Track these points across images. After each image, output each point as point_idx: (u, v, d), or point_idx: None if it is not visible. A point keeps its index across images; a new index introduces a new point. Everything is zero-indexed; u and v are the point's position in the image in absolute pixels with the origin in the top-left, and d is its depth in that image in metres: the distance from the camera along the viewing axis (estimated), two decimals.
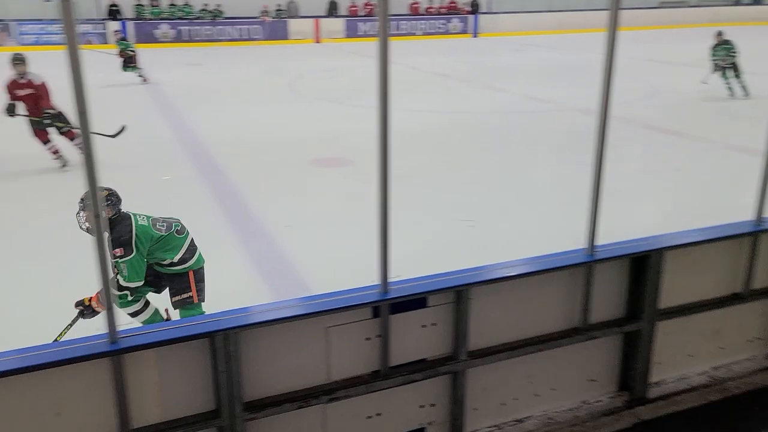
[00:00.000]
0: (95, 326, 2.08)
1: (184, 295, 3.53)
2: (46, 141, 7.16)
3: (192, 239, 3.58)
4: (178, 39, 21.23)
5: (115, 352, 2.01)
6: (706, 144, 8.36)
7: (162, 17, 21.86)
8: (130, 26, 20.72)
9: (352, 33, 23.27)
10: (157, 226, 3.43)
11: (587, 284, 2.75)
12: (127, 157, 7.18)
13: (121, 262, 3.27)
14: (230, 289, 4.15)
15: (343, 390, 2.37)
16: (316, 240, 5.18)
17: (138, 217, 3.41)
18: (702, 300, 3.08)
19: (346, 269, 4.39)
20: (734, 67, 10.86)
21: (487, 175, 7.02)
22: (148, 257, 3.38)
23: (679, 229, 3.06)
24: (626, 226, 4.45)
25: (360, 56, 18.90)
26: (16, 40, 19.69)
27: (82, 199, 3.26)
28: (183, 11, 22.18)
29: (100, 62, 14.40)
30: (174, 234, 3.47)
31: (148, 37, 20.82)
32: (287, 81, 13.70)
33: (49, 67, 7.52)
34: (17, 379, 1.93)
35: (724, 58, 10.83)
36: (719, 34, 10.97)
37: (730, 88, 10.79)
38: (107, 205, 3.29)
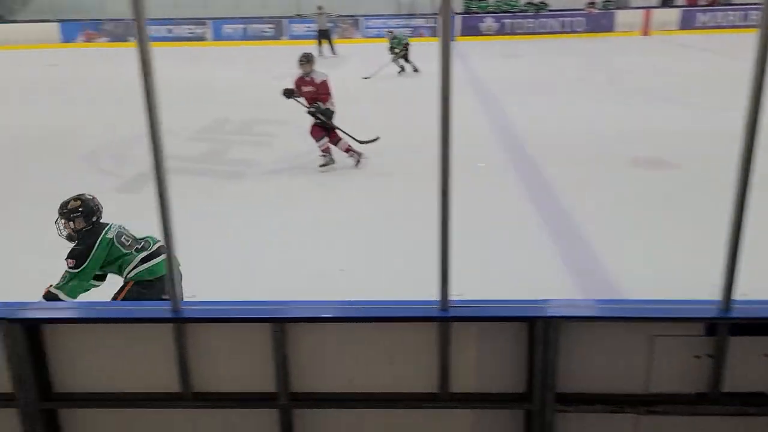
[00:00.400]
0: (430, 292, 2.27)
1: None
2: (320, 137, 7.16)
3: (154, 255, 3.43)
4: (501, 32, 21.84)
5: (443, 319, 2.19)
6: None
7: (488, 11, 22.70)
8: (458, 20, 21.95)
9: (687, 24, 21.20)
10: (122, 240, 3.39)
11: None
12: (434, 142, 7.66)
13: (68, 273, 3.31)
14: (537, 279, 4.18)
15: (664, 405, 2.22)
16: (630, 242, 4.91)
17: (109, 230, 3.39)
18: None
19: (669, 277, 4.07)
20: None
21: None
22: (102, 269, 3.38)
23: None
24: None
25: (693, 50, 17.15)
26: (362, 33, 22.38)
27: (61, 206, 3.39)
28: (509, 5, 22.73)
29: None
30: (133, 252, 3.41)
31: (472, 30, 21.82)
32: (608, 76, 13.12)
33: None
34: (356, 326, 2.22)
35: None
36: None
37: None
38: (76, 216, 3.34)
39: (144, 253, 3.41)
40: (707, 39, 19.13)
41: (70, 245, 3.37)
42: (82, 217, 3.34)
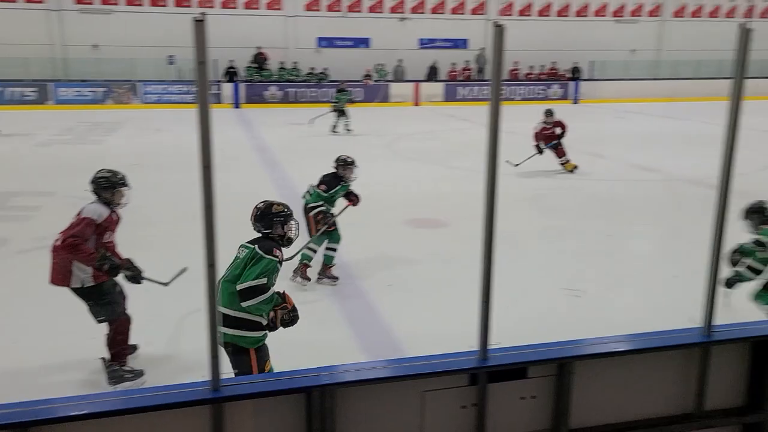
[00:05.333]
0: (201, 374, 2.13)
1: None
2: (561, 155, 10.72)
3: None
4: (285, 100, 22.39)
5: (216, 400, 2.06)
6: None
7: (272, 79, 23.19)
8: (242, 87, 22.10)
9: (450, 97, 23.68)
10: None
11: (702, 366, 2.56)
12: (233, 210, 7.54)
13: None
14: (324, 345, 4.18)
15: None
16: (411, 301, 5.16)
17: None
18: None
19: (442, 333, 4.31)
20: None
21: (592, 243, 6.79)
22: None
23: None
24: (747, 306, 4.15)
25: (457, 119, 19.14)
26: (140, 98, 21.44)
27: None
28: (292, 74, 23.47)
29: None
30: None
31: (258, 98, 22.10)
32: (386, 141, 14.04)
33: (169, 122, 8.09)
34: (118, 420, 2.00)
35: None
36: None
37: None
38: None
39: None
40: (467, 110, 21.52)
41: None
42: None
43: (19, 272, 5.86)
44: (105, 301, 3.93)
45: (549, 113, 10.94)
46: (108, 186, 4.05)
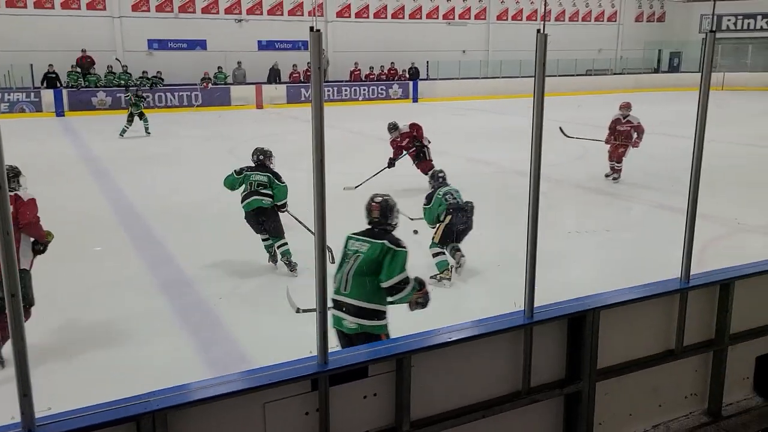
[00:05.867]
0: (11, 414, 1.92)
1: None
2: None
3: None
4: (115, 106, 20.95)
5: None
6: (633, 203, 8.74)
7: (99, 85, 21.61)
8: (65, 94, 20.38)
9: (294, 99, 23.58)
10: None
11: (527, 346, 2.76)
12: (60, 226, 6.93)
13: None
14: (163, 366, 3.97)
15: None
16: (251, 312, 5.06)
17: None
18: (638, 358, 3.13)
19: (284, 340, 4.27)
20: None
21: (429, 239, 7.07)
22: None
23: (613, 288, 3.13)
24: (563, 287, 4.54)
25: (301, 121, 19.11)
26: None
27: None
28: (122, 79, 22.01)
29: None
30: None
31: (84, 105, 20.50)
32: (229, 146, 13.66)
33: None
34: None
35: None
36: None
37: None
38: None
39: None
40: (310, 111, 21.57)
41: None
42: None
43: None
44: (29, 286, 4.01)
45: (392, 127, 9.91)
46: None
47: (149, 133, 15.60)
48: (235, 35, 24.26)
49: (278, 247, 5.86)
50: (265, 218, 5.82)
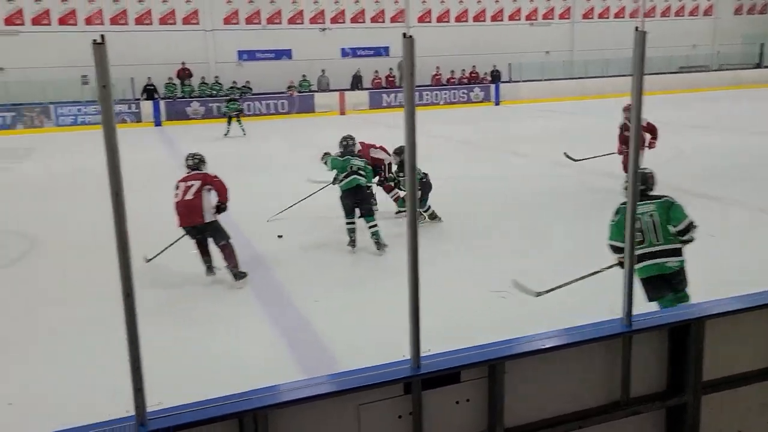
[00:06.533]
0: (124, 409, 2.04)
1: None
2: None
3: None
4: (208, 115, 21.95)
5: None
6: (737, 207, 8.25)
7: (193, 95, 22.70)
8: (163, 105, 21.52)
9: (375, 104, 23.85)
10: None
11: (626, 355, 2.66)
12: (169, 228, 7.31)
13: None
14: (258, 366, 4.10)
15: None
16: (343, 313, 5.14)
17: None
18: (747, 371, 2.94)
19: (375, 343, 4.31)
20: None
21: (516, 242, 6.96)
22: None
23: (719, 297, 2.97)
24: None
25: (383, 126, 19.29)
26: (54, 121, 20.54)
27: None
28: (213, 89, 23.03)
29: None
30: None
31: (179, 115, 21.58)
32: (315, 152, 13.98)
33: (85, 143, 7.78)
34: None
35: None
36: None
37: None
38: None
39: None
40: (393, 116, 21.75)
41: None
42: None
43: None
44: (222, 227, 5.81)
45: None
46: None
47: (245, 133, 17.65)
48: (319, 44, 24.85)
49: (369, 227, 6.58)
50: (361, 197, 6.62)
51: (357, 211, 6.65)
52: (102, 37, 1.94)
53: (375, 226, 6.55)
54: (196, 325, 4.96)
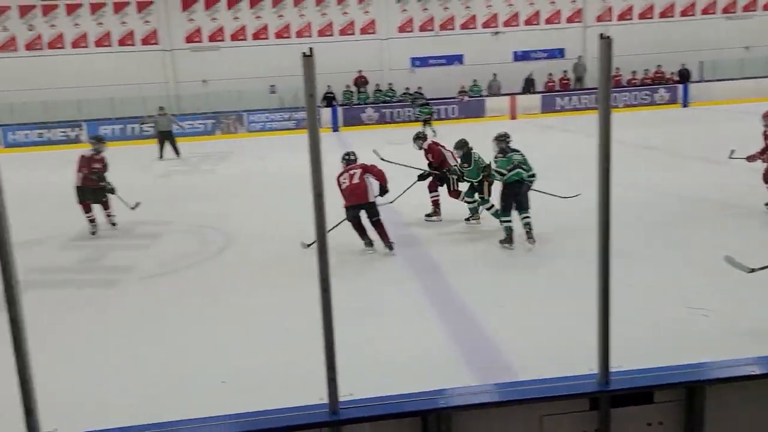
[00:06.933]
0: (318, 395, 2.19)
1: None
2: None
3: None
4: (381, 121, 22.78)
5: (334, 423, 2.10)
6: None
7: (368, 102, 23.71)
8: (340, 111, 22.72)
9: (548, 108, 23.17)
10: None
11: None
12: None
13: None
14: (430, 365, 4.16)
15: None
16: (521, 320, 5.05)
17: None
18: None
19: (556, 354, 4.18)
20: None
21: (712, 256, 6.36)
22: None
23: None
24: None
25: (557, 130, 18.68)
26: (246, 127, 22.56)
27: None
28: (387, 96, 23.87)
29: None
30: None
31: (355, 120, 22.63)
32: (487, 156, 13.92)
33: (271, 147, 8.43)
34: None
35: None
36: None
37: None
38: None
39: None
40: (566, 120, 20.96)
41: None
42: None
43: (153, 294, 6.31)
44: (377, 207, 7.03)
45: (418, 137, 9.28)
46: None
47: (435, 135, 17.68)
48: (490, 48, 24.71)
49: (523, 218, 6.88)
50: (523, 190, 6.90)
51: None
52: (311, 49, 2.10)
53: (528, 217, 6.89)
54: (368, 321, 5.14)
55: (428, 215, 8.59)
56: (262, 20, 24.07)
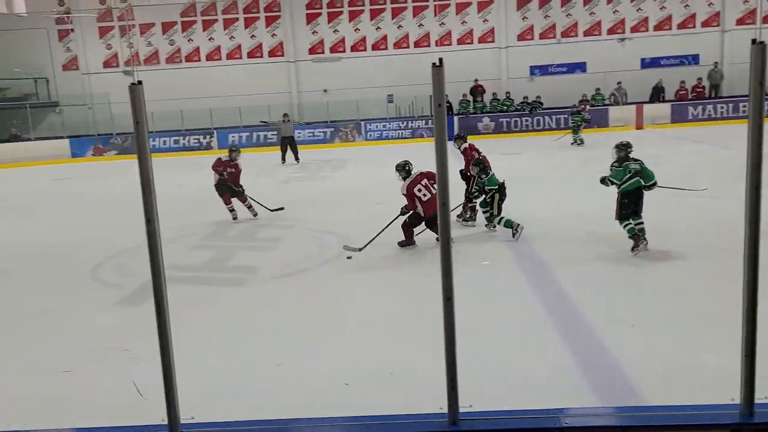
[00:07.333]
0: (438, 405, 2.18)
1: None
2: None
3: None
4: (497, 130, 22.50)
5: None
6: None
7: (484, 111, 23.50)
8: (455, 120, 22.68)
9: (679, 118, 21.84)
10: None
11: None
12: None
13: None
14: (550, 382, 4.03)
15: None
16: (647, 339, 4.77)
17: None
18: None
19: (689, 379, 3.90)
20: None
21: None
22: None
23: None
24: None
25: (688, 141, 17.56)
26: (364, 136, 23.09)
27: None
28: (505, 105, 23.54)
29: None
30: None
31: (471, 129, 22.48)
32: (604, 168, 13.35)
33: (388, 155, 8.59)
34: None
35: None
36: None
37: None
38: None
39: None
40: (700, 131, 19.63)
41: None
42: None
43: (276, 294, 6.59)
44: None
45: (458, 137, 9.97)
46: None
47: (582, 142, 18.08)
48: (616, 55, 23.73)
49: (637, 224, 6.93)
50: (640, 198, 6.98)
51: None
52: (440, 60, 2.11)
53: (642, 223, 6.93)
54: (488, 331, 5.07)
55: (462, 218, 9.01)
56: (382, 31, 24.58)
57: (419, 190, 7.66)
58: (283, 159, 18.23)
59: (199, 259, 8.19)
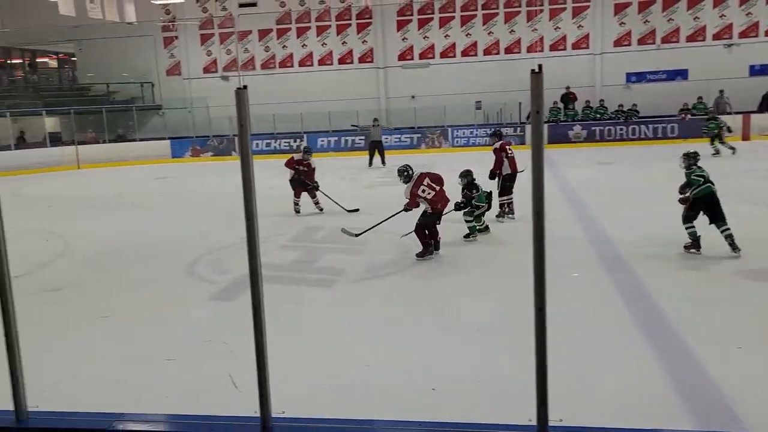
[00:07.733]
0: (527, 416, 2.14)
1: None
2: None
3: None
4: (589, 139, 21.83)
5: None
6: None
7: (576, 119, 22.85)
8: (545, 128, 22.15)
9: None
10: None
11: None
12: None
13: None
14: (640, 401, 3.87)
15: None
16: (747, 363, 4.50)
17: None
18: None
19: None
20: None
21: None
22: None
23: None
24: None
25: None
26: (450, 142, 23.02)
27: None
28: (598, 112, 22.81)
29: None
30: None
31: (561, 138, 21.95)
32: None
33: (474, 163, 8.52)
34: None
35: None
36: None
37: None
38: None
39: None
40: None
41: None
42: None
43: (361, 296, 6.72)
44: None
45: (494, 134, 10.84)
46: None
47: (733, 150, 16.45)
48: (721, 61, 22.48)
49: (723, 231, 6.96)
50: (716, 203, 7.01)
51: None
52: (540, 66, 2.09)
53: (728, 229, 6.97)
54: (579, 345, 4.93)
55: (499, 216, 9.70)
56: (472, 37, 24.45)
57: (423, 191, 7.96)
58: (371, 162, 18.58)
59: (286, 259, 8.43)
